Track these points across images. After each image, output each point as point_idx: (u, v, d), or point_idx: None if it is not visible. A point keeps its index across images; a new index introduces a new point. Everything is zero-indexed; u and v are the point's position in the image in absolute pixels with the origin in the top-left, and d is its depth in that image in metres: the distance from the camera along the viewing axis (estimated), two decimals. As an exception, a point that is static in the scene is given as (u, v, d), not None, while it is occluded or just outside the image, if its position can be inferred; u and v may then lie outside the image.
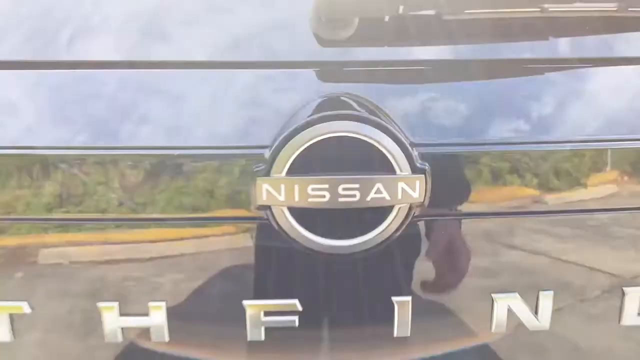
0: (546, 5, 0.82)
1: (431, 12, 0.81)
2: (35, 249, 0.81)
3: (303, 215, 0.77)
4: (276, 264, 0.81)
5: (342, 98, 0.79)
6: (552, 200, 0.82)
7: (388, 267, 0.81)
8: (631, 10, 0.83)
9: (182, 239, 0.81)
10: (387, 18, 0.81)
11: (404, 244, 0.80)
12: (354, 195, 0.75)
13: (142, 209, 0.78)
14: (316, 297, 0.81)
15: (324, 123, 0.75)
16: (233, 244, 0.81)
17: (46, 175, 0.77)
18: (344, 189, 0.75)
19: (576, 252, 0.84)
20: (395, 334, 0.82)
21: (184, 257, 0.81)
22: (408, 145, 0.76)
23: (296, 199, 0.75)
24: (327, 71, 0.82)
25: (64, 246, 0.81)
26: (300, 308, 0.81)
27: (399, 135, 0.76)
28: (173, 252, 0.81)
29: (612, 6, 0.83)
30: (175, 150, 0.76)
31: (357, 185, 0.75)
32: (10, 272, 0.81)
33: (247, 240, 0.81)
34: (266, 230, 0.78)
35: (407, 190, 0.76)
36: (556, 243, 0.83)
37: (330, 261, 0.79)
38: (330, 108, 0.77)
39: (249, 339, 0.82)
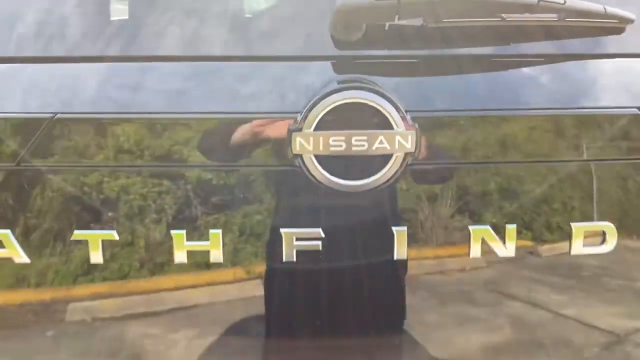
0: (504, 15, 1.11)
1: (419, 21, 1.11)
2: (121, 191, 1.08)
3: (325, 161, 1.04)
4: (305, 200, 1.08)
5: (353, 79, 1.08)
6: (510, 154, 1.09)
7: (389, 203, 1.08)
8: (567, 20, 1.13)
9: (234, 183, 1.08)
10: (386, 25, 1.11)
11: (402, 185, 1.07)
12: (363, 145, 1.03)
13: (209, 157, 1.07)
14: (335, 227, 1.08)
15: (341, 92, 1.04)
16: (272, 186, 1.09)
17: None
18: (356, 140, 1.03)
19: (535, 194, 1.10)
20: (395, 257, 1.08)
21: (236, 197, 1.08)
22: (402, 110, 1.04)
23: (321, 148, 1.03)
24: (342, 63, 1.11)
25: (145, 195, 1.09)
26: (322, 235, 1.07)
27: (396, 102, 1.04)
28: (228, 193, 1.08)
29: (553, 17, 1.13)
30: (241, 114, 1.06)
31: (365, 138, 1.03)
32: (102, 207, 1.09)
33: (283, 183, 1.08)
34: (298, 174, 1.05)
35: (402, 142, 1.04)
36: (518, 186, 1.10)
37: (346, 197, 1.06)
38: (345, 84, 1.06)
39: (284, 260, 1.08)
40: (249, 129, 1.07)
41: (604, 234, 1.10)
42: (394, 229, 1.07)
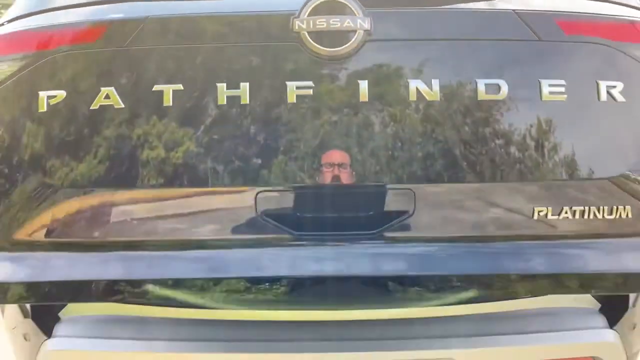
0: None
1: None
2: (184, 62, 1.72)
3: (314, 36, 1.67)
4: (300, 64, 1.69)
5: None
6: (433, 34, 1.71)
7: (356, 65, 1.69)
8: None
9: (255, 55, 1.71)
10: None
11: (365, 55, 1.68)
12: (337, 24, 1.66)
13: (239, 40, 1.71)
14: (320, 79, 1.68)
15: (324, -6, 1.69)
16: (278, 54, 1.71)
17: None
18: (333, 21, 1.66)
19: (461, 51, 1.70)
20: (359, 100, 1.67)
21: (249, 60, 1.71)
22: (362, 5, 1.68)
23: (311, 26, 1.67)
24: None
25: (198, 64, 1.72)
26: (313, 85, 1.67)
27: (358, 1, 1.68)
28: (252, 60, 1.71)
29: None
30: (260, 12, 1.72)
31: (339, 19, 1.66)
32: (172, 69, 1.71)
33: (286, 54, 1.71)
34: (295, 48, 1.68)
35: (362, 23, 1.67)
36: (438, 56, 1.70)
37: (330, 62, 1.68)
38: (325, -7, 1.72)
39: (288, 102, 1.67)
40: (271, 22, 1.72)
41: (498, 86, 1.68)
42: (359, 81, 1.68)
